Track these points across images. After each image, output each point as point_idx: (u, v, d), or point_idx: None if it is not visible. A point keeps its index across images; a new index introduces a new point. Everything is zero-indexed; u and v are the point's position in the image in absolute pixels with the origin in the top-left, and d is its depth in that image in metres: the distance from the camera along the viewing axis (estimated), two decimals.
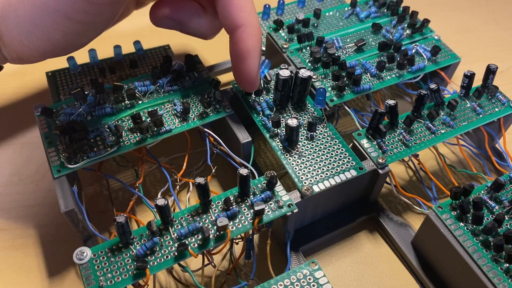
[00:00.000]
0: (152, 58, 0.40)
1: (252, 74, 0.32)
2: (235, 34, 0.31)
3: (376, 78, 0.39)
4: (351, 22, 0.44)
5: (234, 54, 0.32)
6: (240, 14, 0.31)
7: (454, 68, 0.43)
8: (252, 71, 0.32)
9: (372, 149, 0.34)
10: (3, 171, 0.40)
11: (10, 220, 0.37)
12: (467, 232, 0.30)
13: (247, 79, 0.33)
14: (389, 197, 0.39)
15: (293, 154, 0.33)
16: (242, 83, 0.33)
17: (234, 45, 0.32)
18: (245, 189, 0.30)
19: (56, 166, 0.31)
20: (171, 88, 0.36)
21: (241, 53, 0.32)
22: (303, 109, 0.36)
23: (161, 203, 0.27)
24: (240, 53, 0.32)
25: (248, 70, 0.32)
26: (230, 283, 0.32)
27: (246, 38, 0.31)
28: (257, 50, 0.32)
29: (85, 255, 0.27)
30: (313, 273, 0.28)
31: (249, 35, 0.31)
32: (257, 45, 0.32)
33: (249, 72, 0.32)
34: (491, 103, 0.38)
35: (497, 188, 0.32)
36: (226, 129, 0.36)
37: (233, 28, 0.31)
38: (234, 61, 0.33)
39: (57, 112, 0.34)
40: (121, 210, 0.36)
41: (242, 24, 0.31)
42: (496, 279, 0.28)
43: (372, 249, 0.36)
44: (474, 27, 0.56)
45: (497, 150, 0.40)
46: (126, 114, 0.34)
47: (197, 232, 0.28)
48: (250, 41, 0.31)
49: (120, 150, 0.32)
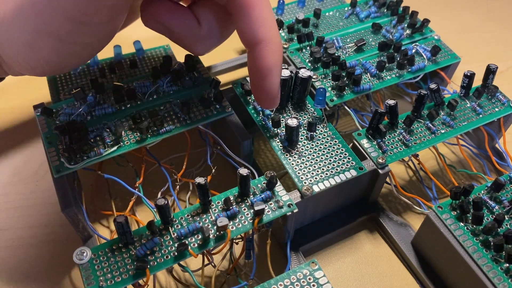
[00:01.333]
0: (152, 58, 0.40)
1: (273, 92, 0.30)
2: (255, 50, 0.29)
3: (376, 78, 0.39)
4: (351, 22, 0.45)
5: (254, 71, 0.30)
6: (260, 29, 0.28)
7: (454, 68, 0.43)
8: (274, 89, 0.30)
9: (372, 149, 0.34)
10: (3, 171, 0.40)
11: (10, 220, 0.37)
12: (467, 232, 0.30)
13: (268, 97, 0.30)
14: (389, 197, 0.39)
15: (293, 154, 0.33)
16: (261, 101, 0.31)
17: (254, 62, 0.29)
18: (245, 189, 0.30)
19: (56, 166, 0.31)
20: (171, 88, 0.36)
21: (262, 71, 0.29)
22: (303, 109, 0.36)
23: (161, 203, 0.27)
24: (261, 70, 0.29)
25: (269, 87, 0.30)
26: (230, 283, 0.32)
27: (267, 55, 0.29)
28: (278, 67, 0.30)
29: (85, 255, 0.27)
30: (313, 273, 0.28)
31: (270, 52, 0.29)
32: (278, 61, 0.29)
33: (270, 89, 0.30)
34: (491, 103, 0.38)
35: (497, 188, 0.32)
36: (226, 129, 0.36)
37: (253, 44, 0.29)
38: (254, 78, 0.30)
39: (57, 112, 0.34)
40: (121, 210, 0.36)
41: (263, 40, 0.28)
42: (496, 279, 0.28)
43: (372, 249, 0.36)
44: (474, 27, 0.56)
45: (497, 150, 0.40)
46: (126, 114, 0.34)
47: (197, 232, 0.28)
48: (272, 58, 0.29)
49: (120, 150, 0.32)
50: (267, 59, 0.29)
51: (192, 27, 0.30)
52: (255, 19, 0.28)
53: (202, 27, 0.30)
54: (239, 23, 0.29)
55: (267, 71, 0.29)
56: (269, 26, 0.29)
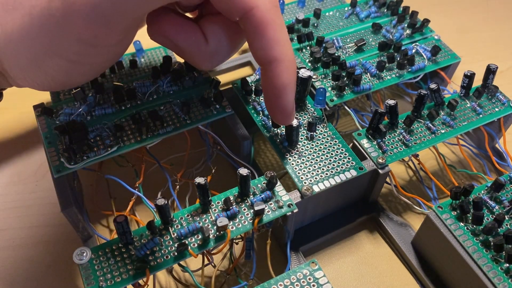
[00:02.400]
0: (152, 58, 0.40)
1: (288, 109, 0.30)
2: (269, 68, 0.29)
3: (376, 78, 0.39)
4: (351, 22, 0.44)
5: (269, 89, 0.30)
6: (275, 48, 0.28)
7: (454, 68, 0.43)
8: (289, 106, 0.30)
9: (372, 149, 0.34)
10: (3, 171, 0.40)
11: (10, 220, 0.37)
12: (467, 232, 0.30)
13: (283, 114, 0.30)
14: (389, 197, 0.39)
15: (293, 154, 0.33)
16: (276, 118, 0.31)
17: (268, 80, 0.29)
18: (245, 189, 0.30)
19: (56, 166, 0.31)
20: (171, 88, 0.36)
21: (276, 89, 0.29)
22: (303, 109, 0.36)
23: (161, 203, 0.27)
24: (275, 88, 0.29)
25: (284, 105, 0.30)
26: (230, 283, 0.32)
27: (281, 73, 0.28)
28: (292, 84, 0.29)
29: (85, 255, 0.27)
30: (313, 273, 0.28)
31: (285, 70, 0.28)
32: (293, 79, 0.29)
33: (286, 107, 0.30)
34: (491, 103, 0.38)
35: (497, 188, 0.32)
36: (226, 129, 0.36)
37: (268, 62, 0.28)
38: (268, 95, 0.30)
39: (57, 112, 0.34)
40: (121, 210, 0.36)
41: (277, 59, 0.28)
42: (496, 279, 0.28)
43: (372, 249, 0.36)
44: (474, 27, 0.56)
45: (497, 150, 0.40)
46: (126, 114, 0.34)
47: (197, 232, 0.28)
48: (286, 76, 0.29)
49: (120, 150, 0.32)
50: (281, 78, 0.28)
51: (199, 44, 0.29)
52: (270, 38, 0.27)
53: (209, 44, 0.29)
54: (254, 41, 0.28)
55: (282, 89, 0.29)
56: (283, 44, 0.28)
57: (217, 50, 0.30)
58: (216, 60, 0.31)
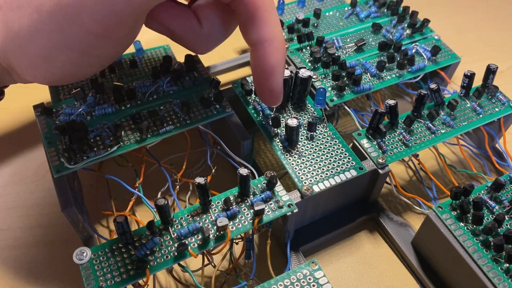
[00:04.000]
0: (152, 58, 0.40)
1: (277, 90, 0.31)
2: (258, 48, 0.29)
3: (376, 78, 0.39)
4: (351, 22, 0.44)
5: (258, 70, 0.30)
6: (264, 28, 0.28)
7: (454, 68, 0.43)
8: (277, 87, 0.30)
9: (372, 149, 0.34)
10: (3, 171, 0.40)
11: (10, 220, 0.37)
12: (467, 232, 0.30)
13: (271, 95, 0.31)
14: (389, 197, 0.39)
15: (293, 154, 0.33)
16: (265, 98, 0.32)
17: (257, 60, 0.30)
18: (245, 189, 0.30)
19: (56, 166, 0.31)
20: (171, 88, 0.36)
21: (266, 69, 0.29)
22: (303, 109, 0.36)
23: (161, 203, 0.27)
24: (264, 69, 0.29)
25: (273, 86, 0.30)
26: (230, 283, 0.32)
27: (270, 53, 0.29)
28: (282, 65, 0.30)
29: (85, 255, 0.27)
30: (313, 273, 0.28)
31: (274, 50, 0.29)
32: (282, 60, 0.30)
33: (274, 87, 0.30)
34: (491, 103, 0.38)
35: (497, 188, 0.32)
36: (226, 129, 0.36)
37: (257, 43, 0.29)
38: (257, 76, 0.30)
39: (57, 112, 0.34)
40: (121, 210, 0.36)
41: (267, 39, 0.29)
42: (496, 279, 0.28)
43: (372, 249, 0.36)
44: (474, 27, 0.56)
45: (497, 150, 0.40)
46: (126, 114, 0.34)
47: (197, 232, 0.28)
48: (276, 57, 0.29)
49: (120, 150, 0.32)
50: (271, 58, 0.29)
51: (193, 27, 0.30)
52: (260, 19, 0.28)
53: (203, 27, 0.30)
54: (244, 22, 0.29)
55: (271, 70, 0.29)
56: (273, 25, 0.29)
57: (211, 33, 0.30)
58: (211, 43, 0.31)
